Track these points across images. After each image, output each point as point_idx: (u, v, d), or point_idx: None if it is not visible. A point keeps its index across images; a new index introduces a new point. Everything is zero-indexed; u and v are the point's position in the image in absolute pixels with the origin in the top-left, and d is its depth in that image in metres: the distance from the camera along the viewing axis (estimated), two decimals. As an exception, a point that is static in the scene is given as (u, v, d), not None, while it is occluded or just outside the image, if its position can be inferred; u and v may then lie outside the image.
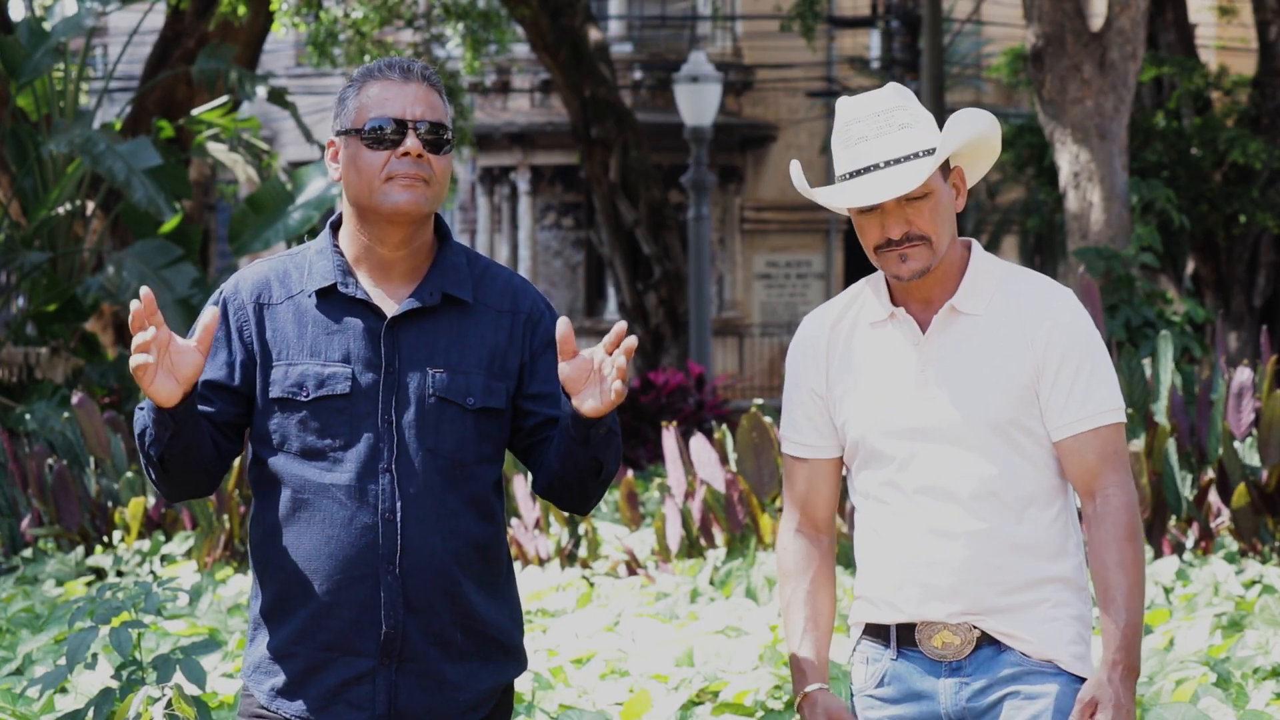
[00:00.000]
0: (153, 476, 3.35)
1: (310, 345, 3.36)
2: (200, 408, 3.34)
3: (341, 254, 3.41)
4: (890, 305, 3.43)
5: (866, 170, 3.32)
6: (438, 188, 3.37)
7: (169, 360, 3.22)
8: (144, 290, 3.20)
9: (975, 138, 3.41)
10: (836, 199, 3.33)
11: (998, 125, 3.44)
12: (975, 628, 3.36)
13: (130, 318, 3.19)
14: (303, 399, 3.33)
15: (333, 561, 3.32)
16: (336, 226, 3.45)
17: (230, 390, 3.38)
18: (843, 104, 3.38)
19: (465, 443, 3.36)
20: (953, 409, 3.36)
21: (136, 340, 3.19)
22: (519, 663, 3.47)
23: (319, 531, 3.32)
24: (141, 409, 3.31)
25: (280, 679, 3.36)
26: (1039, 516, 3.38)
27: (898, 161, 3.31)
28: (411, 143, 3.34)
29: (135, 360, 3.20)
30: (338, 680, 3.34)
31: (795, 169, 3.50)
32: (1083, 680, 3.36)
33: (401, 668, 3.34)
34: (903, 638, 3.41)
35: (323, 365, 3.34)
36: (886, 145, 3.32)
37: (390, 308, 3.38)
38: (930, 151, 3.34)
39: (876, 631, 3.45)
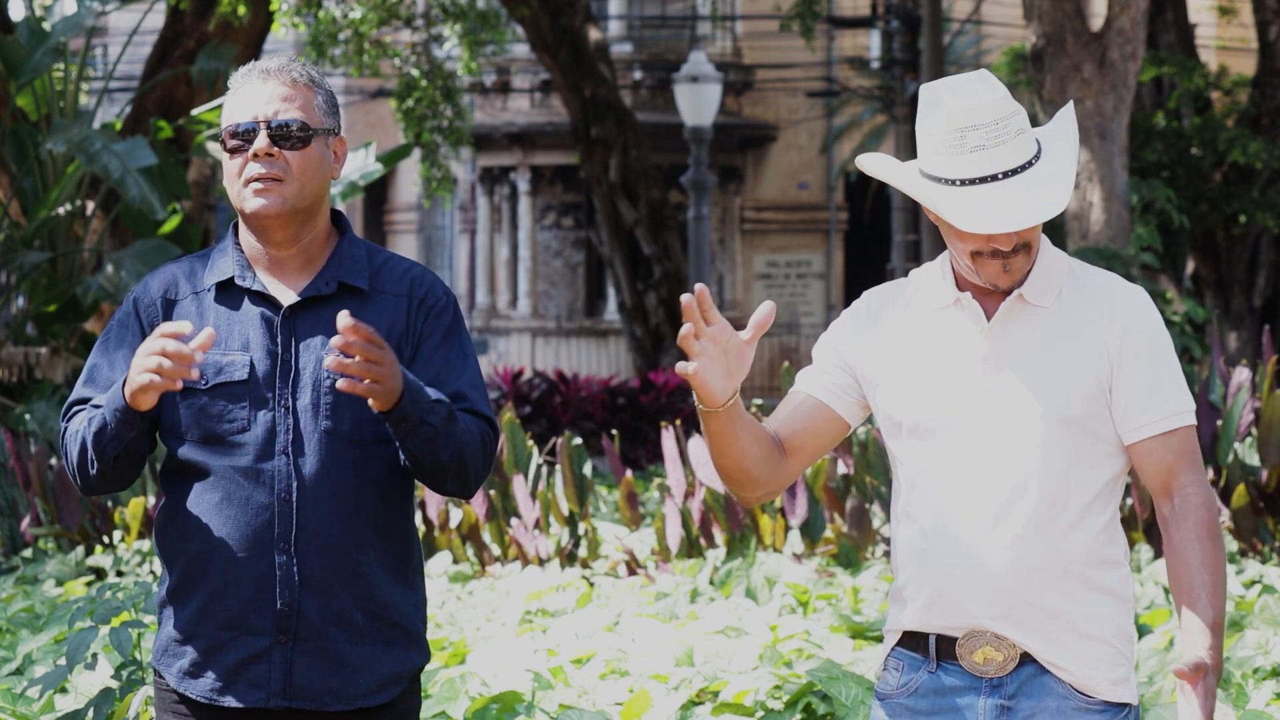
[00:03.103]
0: (91, 472, 3.38)
1: None
2: None
3: (242, 251, 3.47)
4: (955, 290, 3.33)
5: (984, 180, 3.22)
6: (298, 184, 3.39)
7: None
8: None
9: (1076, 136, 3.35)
10: (962, 221, 3.21)
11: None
12: (1017, 646, 3.25)
13: (160, 343, 3.19)
14: (202, 386, 3.39)
15: (230, 541, 3.37)
16: (239, 227, 3.51)
17: None
18: (952, 110, 3.22)
19: (362, 424, 3.38)
20: (1014, 402, 3.25)
21: (166, 366, 3.20)
22: (421, 652, 3.49)
23: (218, 513, 3.37)
24: (95, 408, 3.35)
25: (186, 660, 3.42)
26: (1092, 522, 3.27)
27: (1015, 171, 3.22)
28: (260, 142, 3.39)
29: (150, 379, 3.22)
30: (237, 659, 3.38)
31: (886, 163, 3.35)
32: (1123, 705, 3.28)
33: (298, 646, 3.37)
34: (942, 650, 3.31)
35: (222, 354, 3.40)
36: (1005, 155, 3.22)
37: (289, 298, 3.43)
38: (1038, 157, 3.24)
39: (914, 642, 3.34)
